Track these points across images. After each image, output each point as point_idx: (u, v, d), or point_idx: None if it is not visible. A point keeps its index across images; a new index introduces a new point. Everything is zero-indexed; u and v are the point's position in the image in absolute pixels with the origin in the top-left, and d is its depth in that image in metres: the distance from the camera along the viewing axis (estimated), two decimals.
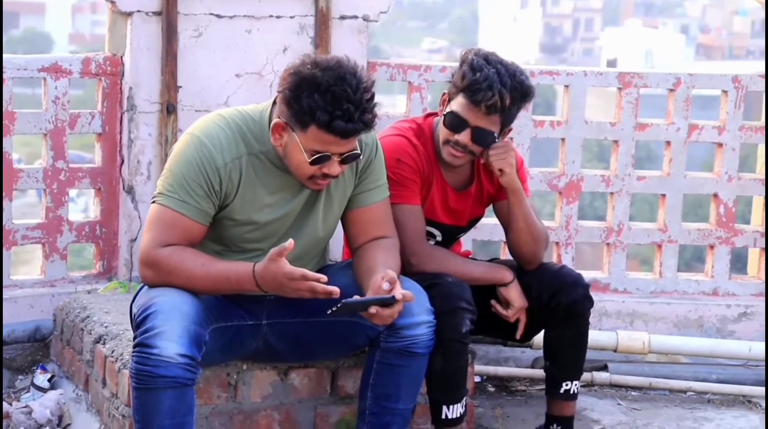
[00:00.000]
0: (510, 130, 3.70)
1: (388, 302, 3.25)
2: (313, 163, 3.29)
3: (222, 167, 3.31)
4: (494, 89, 3.54)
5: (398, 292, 3.25)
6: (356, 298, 3.26)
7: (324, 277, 3.19)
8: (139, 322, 3.23)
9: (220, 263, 3.31)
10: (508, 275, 3.76)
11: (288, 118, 3.28)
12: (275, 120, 3.30)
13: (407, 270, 3.60)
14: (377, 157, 3.51)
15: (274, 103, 3.36)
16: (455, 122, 3.62)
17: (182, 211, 3.30)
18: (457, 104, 3.62)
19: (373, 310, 3.25)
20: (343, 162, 3.32)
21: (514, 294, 3.75)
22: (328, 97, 3.19)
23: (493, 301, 3.76)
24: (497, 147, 3.65)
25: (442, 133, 3.66)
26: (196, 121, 3.42)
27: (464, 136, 3.62)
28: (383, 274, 3.29)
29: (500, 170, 3.65)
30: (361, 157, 3.40)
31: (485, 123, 3.60)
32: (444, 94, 3.69)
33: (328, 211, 3.48)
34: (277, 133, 3.31)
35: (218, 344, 3.39)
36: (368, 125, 3.26)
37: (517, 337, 3.83)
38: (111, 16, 4.60)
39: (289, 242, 3.18)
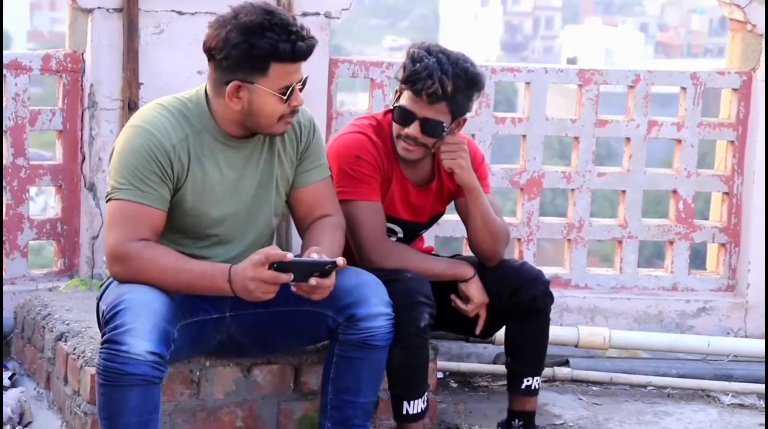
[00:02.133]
0: (464, 120, 3.70)
1: (328, 266, 3.26)
2: (286, 99, 3.33)
3: (171, 150, 3.33)
4: (434, 77, 3.56)
5: (340, 259, 3.28)
6: (295, 258, 3.25)
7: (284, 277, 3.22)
8: (108, 318, 3.21)
9: (194, 260, 3.32)
10: (468, 271, 3.78)
11: (243, 74, 3.30)
12: (230, 85, 3.30)
13: (367, 266, 3.62)
14: (315, 136, 3.55)
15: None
16: (403, 115, 3.65)
17: (142, 200, 3.29)
18: (404, 98, 3.66)
19: (313, 281, 3.26)
20: (301, 90, 3.38)
21: (474, 289, 3.77)
22: (277, 30, 3.27)
23: (453, 296, 3.78)
24: (448, 145, 3.67)
25: (394, 127, 3.69)
26: (135, 113, 3.43)
27: (413, 129, 3.64)
28: (313, 249, 3.33)
29: (451, 169, 3.68)
30: (301, 137, 3.48)
31: (432, 113, 3.62)
32: (396, 90, 3.71)
33: (279, 192, 3.51)
34: (235, 97, 3.33)
35: (185, 340, 3.39)
36: (316, 40, 3.34)
37: (477, 332, 3.85)
38: (71, 12, 4.58)
39: (289, 256, 3.21)
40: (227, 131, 3.40)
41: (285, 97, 3.34)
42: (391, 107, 3.72)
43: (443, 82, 3.57)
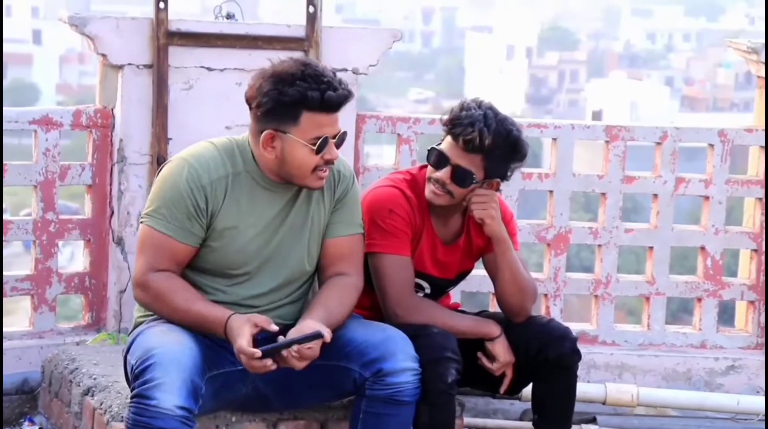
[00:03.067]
0: (498, 183, 3.72)
1: (310, 338, 3.28)
2: (318, 150, 3.36)
3: (207, 185, 3.38)
4: (475, 126, 3.59)
5: (325, 330, 3.31)
6: (279, 342, 3.29)
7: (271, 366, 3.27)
8: (138, 373, 3.23)
9: (202, 303, 3.37)
10: (495, 330, 3.77)
11: (276, 123, 3.36)
12: (264, 134, 3.36)
13: (393, 321, 3.62)
14: (353, 189, 3.58)
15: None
16: (437, 158, 3.67)
17: (170, 233, 3.36)
18: (444, 142, 3.69)
19: (294, 348, 3.28)
20: (338, 145, 3.42)
21: (500, 349, 3.76)
22: (308, 80, 3.33)
23: (479, 354, 3.76)
24: (479, 196, 3.68)
25: (428, 169, 3.71)
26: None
27: (444, 174, 3.66)
28: (306, 324, 3.35)
29: (481, 220, 3.68)
30: (338, 185, 3.52)
31: (465, 162, 3.64)
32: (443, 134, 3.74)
33: (313, 237, 3.52)
34: (269, 146, 3.39)
35: (210, 392, 3.39)
36: (350, 92, 3.40)
37: (501, 391, 3.82)
38: (102, 68, 4.63)
39: (273, 327, 3.29)
40: (267, 176, 3.45)
41: (316, 148, 3.36)
42: (428, 149, 3.73)
43: (482, 133, 3.60)
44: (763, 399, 4.76)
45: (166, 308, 3.38)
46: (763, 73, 4.92)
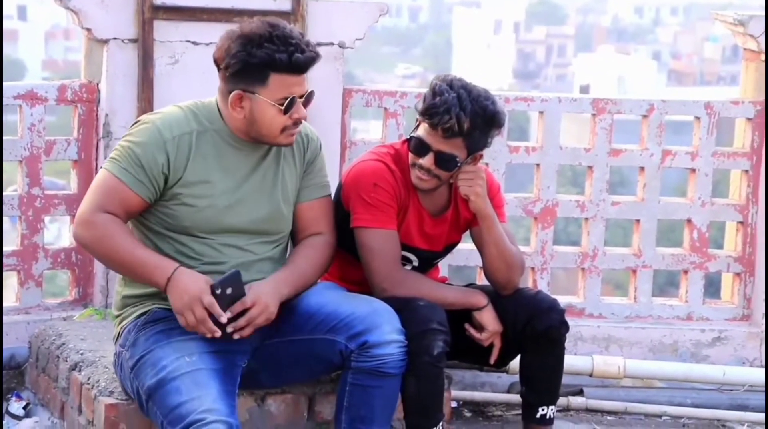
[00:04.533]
0: (480, 155, 3.71)
1: (230, 279, 3.36)
2: (286, 110, 3.40)
3: (169, 140, 3.43)
4: (451, 113, 3.58)
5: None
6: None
7: (224, 317, 3.31)
8: (173, 409, 3.24)
9: (145, 250, 3.41)
10: (482, 299, 3.78)
11: (244, 84, 3.41)
12: (232, 95, 3.41)
13: (379, 294, 3.63)
14: (321, 153, 3.64)
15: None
16: (418, 146, 3.67)
17: (124, 179, 3.41)
18: (421, 129, 3.67)
19: (228, 314, 3.35)
20: (305, 104, 3.46)
21: (488, 318, 3.77)
22: (276, 41, 3.37)
23: (467, 325, 3.77)
24: (466, 173, 3.68)
25: (410, 156, 3.70)
26: None
27: (427, 161, 3.66)
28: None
29: (467, 196, 3.68)
30: (307, 149, 3.57)
31: (446, 147, 3.63)
32: (416, 119, 3.72)
33: (285, 197, 3.56)
34: (238, 106, 3.44)
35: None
36: (318, 54, 3.44)
37: (491, 362, 3.84)
38: (87, 43, 4.61)
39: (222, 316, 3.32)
40: (236, 135, 3.49)
41: (284, 108, 3.40)
42: (408, 137, 3.73)
43: (460, 119, 3.58)
44: (748, 370, 4.79)
45: (107, 250, 3.38)
46: (750, 46, 4.92)
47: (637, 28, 73.89)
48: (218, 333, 3.33)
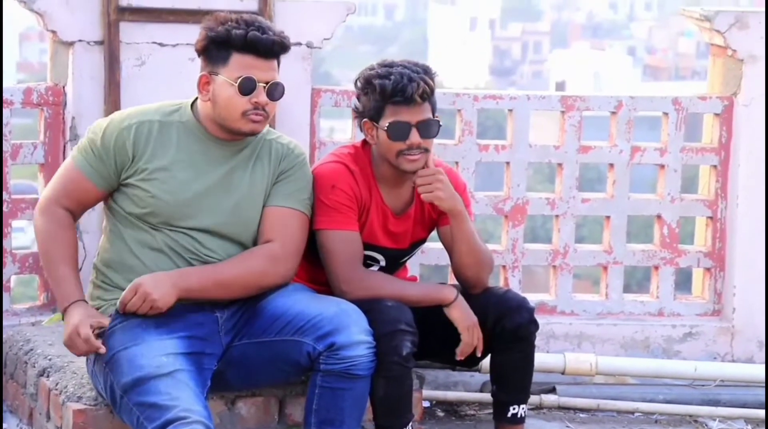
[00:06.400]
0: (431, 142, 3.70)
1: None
2: (241, 89, 3.43)
3: (126, 129, 3.49)
4: (414, 78, 3.61)
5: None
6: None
7: (102, 349, 3.39)
8: (149, 407, 3.26)
9: (69, 269, 3.50)
10: (449, 294, 3.74)
11: (210, 66, 3.48)
12: (199, 77, 3.50)
13: (342, 297, 3.61)
14: (301, 170, 3.61)
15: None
16: (399, 130, 3.63)
17: (82, 169, 3.50)
18: (390, 115, 3.64)
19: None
20: (269, 93, 3.46)
21: (458, 313, 3.72)
22: (239, 22, 3.46)
23: (457, 350, 3.73)
24: (423, 178, 3.67)
25: (393, 147, 3.66)
26: None
27: (414, 137, 3.64)
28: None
29: (430, 202, 3.69)
30: (284, 159, 3.56)
31: (423, 114, 3.64)
32: (365, 122, 3.69)
33: (251, 200, 3.54)
34: (204, 89, 3.50)
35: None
36: (284, 41, 3.48)
37: (478, 354, 3.77)
38: (52, 45, 4.58)
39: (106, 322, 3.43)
40: (207, 130, 3.51)
41: (238, 85, 3.42)
42: (372, 139, 3.69)
43: (425, 80, 3.62)
44: (720, 365, 4.80)
45: (45, 248, 3.52)
46: (716, 41, 4.93)
47: (612, 23, 74.11)
48: (102, 349, 3.40)
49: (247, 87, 3.43)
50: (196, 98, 3.56)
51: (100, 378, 3.46)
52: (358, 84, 3.69)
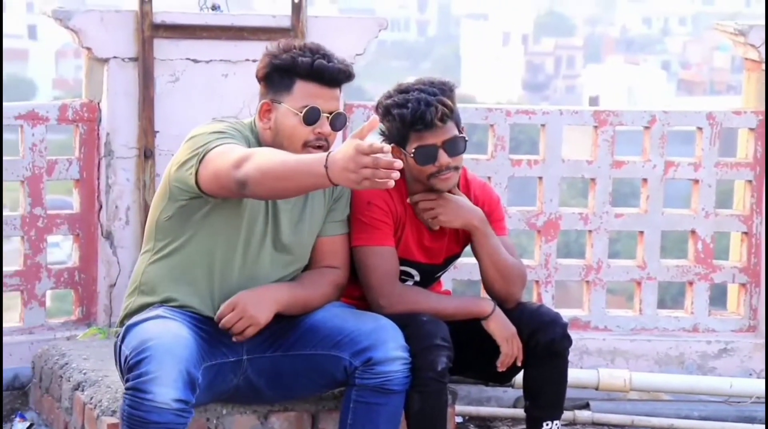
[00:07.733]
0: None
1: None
2: (305, 119, 3.37)
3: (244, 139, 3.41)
4: (431, 102, 3.59)
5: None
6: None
7: (387, 148, 2.99)
8: (132, 365, 3.21)
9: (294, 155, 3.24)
10: (486, 307, 3.73)
11: (272, 94, 3.42)
12: (260, 104, 3.43)
13: (379, 312, 3.62)
14: (349, 191, 3.59)
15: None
16: (426, 154, 3.63)
17: (232, 142, 3.31)
18: (415, 141, 3.64)
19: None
20: (332, 124, 3.41)
21: (495, 325, 3.71)
22: (304, 50, 3.40)
23: (497, 362, 3.72)
24: (424, 207, 3.67)
25: (424, 171, 3.66)
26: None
27: (443, 159, 3.64)
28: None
29: (441, 226, 3.69)
30: (337, 188, 3.48)
31: (447, 134, 3.64)
32: (393, 147, 3.62)
33: (312, 223, 3.54)
34: (265, 117, 3.44)
35: (203, 383, 3.38)
36: (348, 70, 3.41)
37: (519, 363, 3.76)
38: (88, 62, 4.62)
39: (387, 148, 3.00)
40: None
41: (303, 116, 3.37)
42: (406, 163, 3.67)
43: (442, 101, 3.61)
44: (755, 381, 4.76)
45: (271, 162, 3.14)
46: (751, 55, 4.91)
47: (646, 38, 73.85)
48: (399, 163, 2.98)
49: (311, 117, 3.40)
50: (252, 120, 3.51)
51: (117, 357, 3.43)
52: (379, 111, 3.69)
